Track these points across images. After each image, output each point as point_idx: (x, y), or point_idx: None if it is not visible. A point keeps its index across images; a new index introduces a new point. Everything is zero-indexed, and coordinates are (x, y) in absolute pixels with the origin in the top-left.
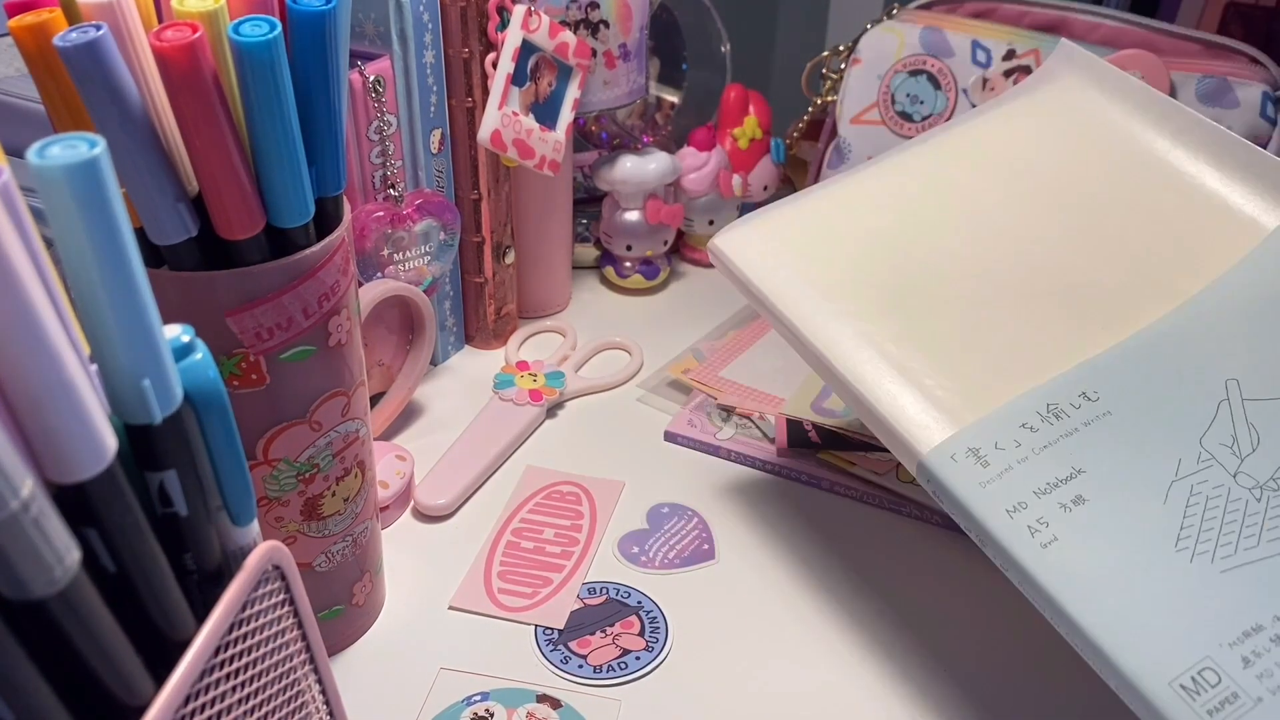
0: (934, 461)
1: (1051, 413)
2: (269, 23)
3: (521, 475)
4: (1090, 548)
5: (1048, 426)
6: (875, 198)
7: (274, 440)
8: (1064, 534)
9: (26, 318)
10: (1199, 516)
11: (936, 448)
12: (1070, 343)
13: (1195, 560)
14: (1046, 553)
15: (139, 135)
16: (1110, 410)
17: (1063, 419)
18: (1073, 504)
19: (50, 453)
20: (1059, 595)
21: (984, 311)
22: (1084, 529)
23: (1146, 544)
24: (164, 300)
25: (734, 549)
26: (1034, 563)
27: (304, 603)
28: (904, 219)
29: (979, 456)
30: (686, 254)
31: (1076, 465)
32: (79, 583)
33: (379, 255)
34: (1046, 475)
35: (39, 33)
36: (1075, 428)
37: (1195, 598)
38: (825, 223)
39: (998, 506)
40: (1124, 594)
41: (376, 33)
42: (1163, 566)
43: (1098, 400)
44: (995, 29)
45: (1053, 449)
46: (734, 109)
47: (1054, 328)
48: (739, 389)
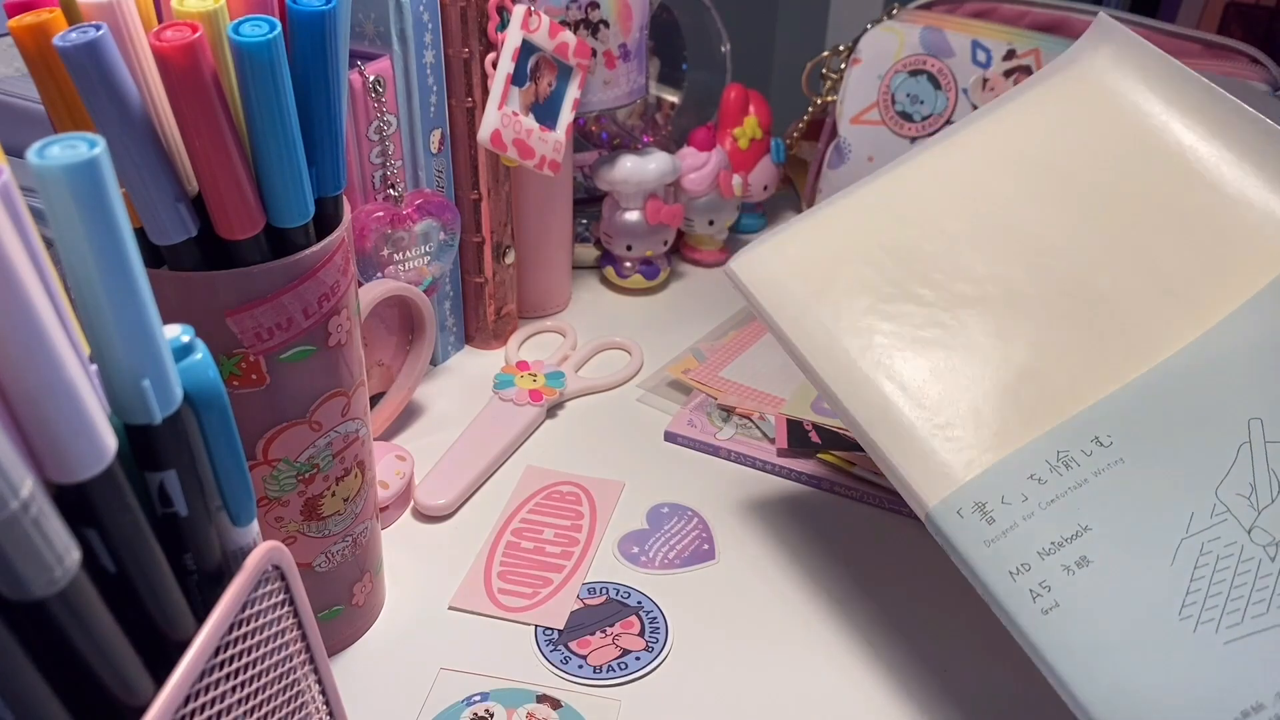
0: (940, 516)
1: (1061, 461)
2: (269, 23)
3: (521, 475)
4: (1091, 616)
5: (1056, 478)
6: (897, 207)
7: (274, 440)
8: (1066, 600)
9: (26, 318)
10: (1207, 579)
11: (943, 501)
12: (1091, 374)
13: (1199, 630)
14: (1048, 620)
15: (139, 135)
16: (1123, 457)
17: (1073, 468)
18: (1076, 566)
19: (50, 453)
20: (1057, 665)
21: (1003, 340)
22: (1086, 595)
23: (1149, 613)
24: (164, 300)
25: (734, 549)
26: (1034, 629)
27: (304, 603)
28: (924, 231)
29: (985, 512)
30: (686, 254)
31: (1083, 522)
32: (79, 583)
33: (379, 255)
34: (1052, 534)
35: (39, 33)
36: (1085, 478)
37: (1196, 672)
38: (843, 242)
39: (1001, 568)
40: (1123, 668)
41: (376, 33)
42: (1165, 638)
43: (1110, 445)
44: (995, 29)
45: (1060, 503)
46: (734, 109)
47: (1075, 356)
48: (739, 389)
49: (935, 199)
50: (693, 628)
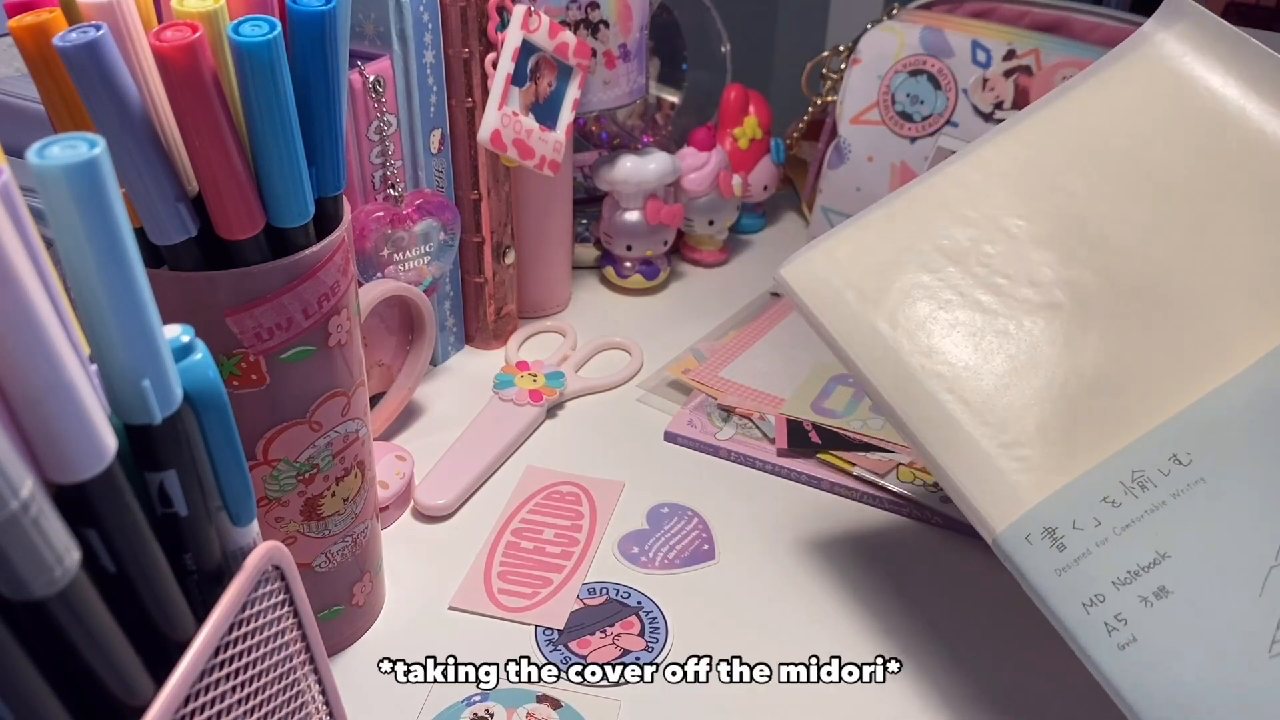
0: (1007, 542)
1: (1137, 482)
2: (269, 23)
3: (521, 475)
4: (1171, 653)
5: (1131, 500)
6: (955, 207)
7: (274, 440)
8: (1144, 634)
9: (26, 318)
10: None
11: (1011, 526)
12: (1167, 385)
13: None
14: (1124, 655)
15: (139, 135)
16: (1203, 477)
17: (1148, 490)
18: (1155, 597)
19: (50, 453)
20: (1135, 704)
21: (1072, 350)
22: (1165, 629)
23: (1235, 650)
24: (164, 300)
25: (734, 549)
26: (1110, 665)
27: (304, 603)
28: (985, 232)
29: (1055, 538)
30: (686, 254)
31: (1161, 549)
32: (79, 583)
33: (379, 255)
34: (1128, 561)
35: (39, 33)
36: (1163, 500)
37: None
38: (899, 246)
39: (1074, 598)
40: (1206, 711)
41: (376, 33)
42: (1252, 678)
43: (1190, 464)
44: (995, 29)
45: (1136, 528)
46: (734, 109)
47: (1149, 366)
48: (739, 389)
49: (996, 197)
50: (693, 628)
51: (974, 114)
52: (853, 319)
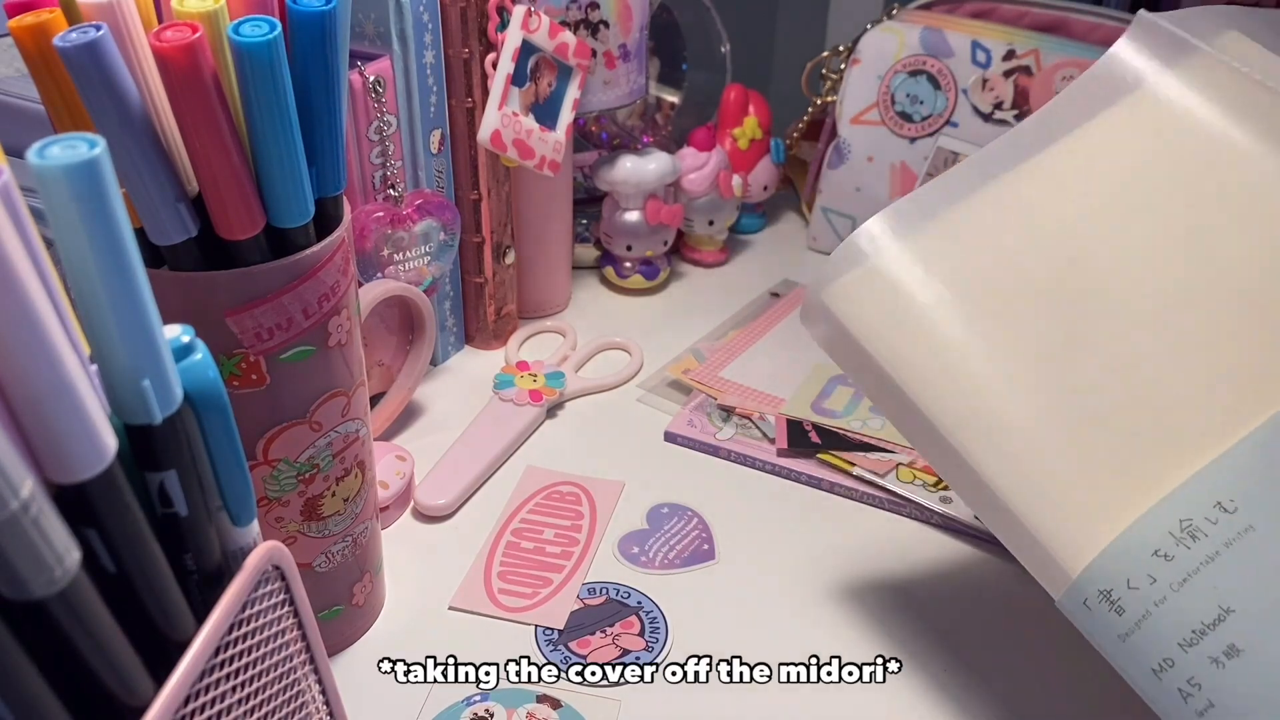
0: (1068, 610)
1: (1187, 532)
2: (269, 23)
3: (521, 475)
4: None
5: (1184, 551)
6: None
7: (274, 440)
8: (1220, 698)
9: (26, 318)
10: None
11: (1069, 591)
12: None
13: None
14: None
15: (139, 135)
16: (1252, 524)
17: (1200, 540)
18: (1225, 657)
19: (50, 453)
20: None
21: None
22: (1241, 692)
23: None
24: (164, 300)
25: (734, 549)
26: None
27: (304, 603)
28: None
29: (1112, 602)
30: (686, 254)
31: (1224, 603)
32: (79, 583)
33: (379, 255)
34: (1191, 620)
35: (39, 33)
36: (1216, 550)
37: None
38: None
39: (1143, 665)
40: None
41: (376, 33)
42: None
43: (1235, 511)
44: (995, 29)
45: (1194, 582)
46: (734, 109)
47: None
48: (739, 389)
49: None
50: (693, 628)
51: (974, 114)
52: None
